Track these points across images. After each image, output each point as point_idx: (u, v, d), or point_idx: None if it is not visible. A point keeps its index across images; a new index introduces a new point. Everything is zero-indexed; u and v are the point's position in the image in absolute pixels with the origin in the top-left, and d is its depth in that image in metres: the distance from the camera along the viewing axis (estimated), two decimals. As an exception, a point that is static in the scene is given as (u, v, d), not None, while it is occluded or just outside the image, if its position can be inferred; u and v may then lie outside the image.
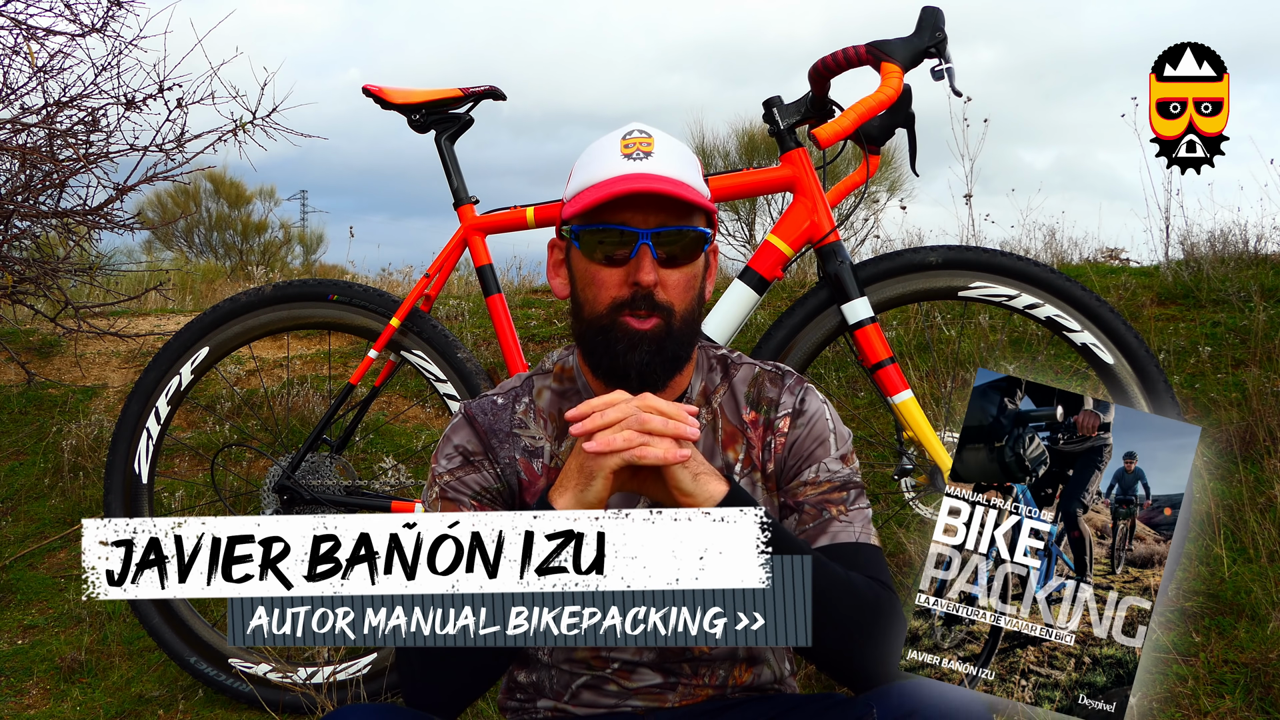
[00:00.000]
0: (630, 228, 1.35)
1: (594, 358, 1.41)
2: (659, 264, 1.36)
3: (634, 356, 1.36)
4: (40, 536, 3.37)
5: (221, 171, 13.07)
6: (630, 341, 1.36)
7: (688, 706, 1.45)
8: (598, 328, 1.38)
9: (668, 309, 1.37)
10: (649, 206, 1.36)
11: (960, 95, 2.24)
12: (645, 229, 1.35)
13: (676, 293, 1.38)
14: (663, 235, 1.36)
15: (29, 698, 2.60)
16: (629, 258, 1.36)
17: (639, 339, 1.36)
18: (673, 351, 1.38)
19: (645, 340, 1.36)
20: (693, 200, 1.35)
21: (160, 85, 3.68)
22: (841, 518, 1.42)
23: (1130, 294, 3.86)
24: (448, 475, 1.46)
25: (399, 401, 3.89)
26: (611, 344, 1.37)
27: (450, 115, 2.47)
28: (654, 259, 1.35)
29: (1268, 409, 3.07)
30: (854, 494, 1.45)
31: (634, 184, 1.34)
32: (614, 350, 1.37)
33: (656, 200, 1.35)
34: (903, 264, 2.28)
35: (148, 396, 2.57)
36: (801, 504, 1.43)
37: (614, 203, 1.35)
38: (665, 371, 1.39)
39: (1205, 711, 2.16)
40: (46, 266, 4.20)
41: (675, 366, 1.40)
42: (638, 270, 1.35)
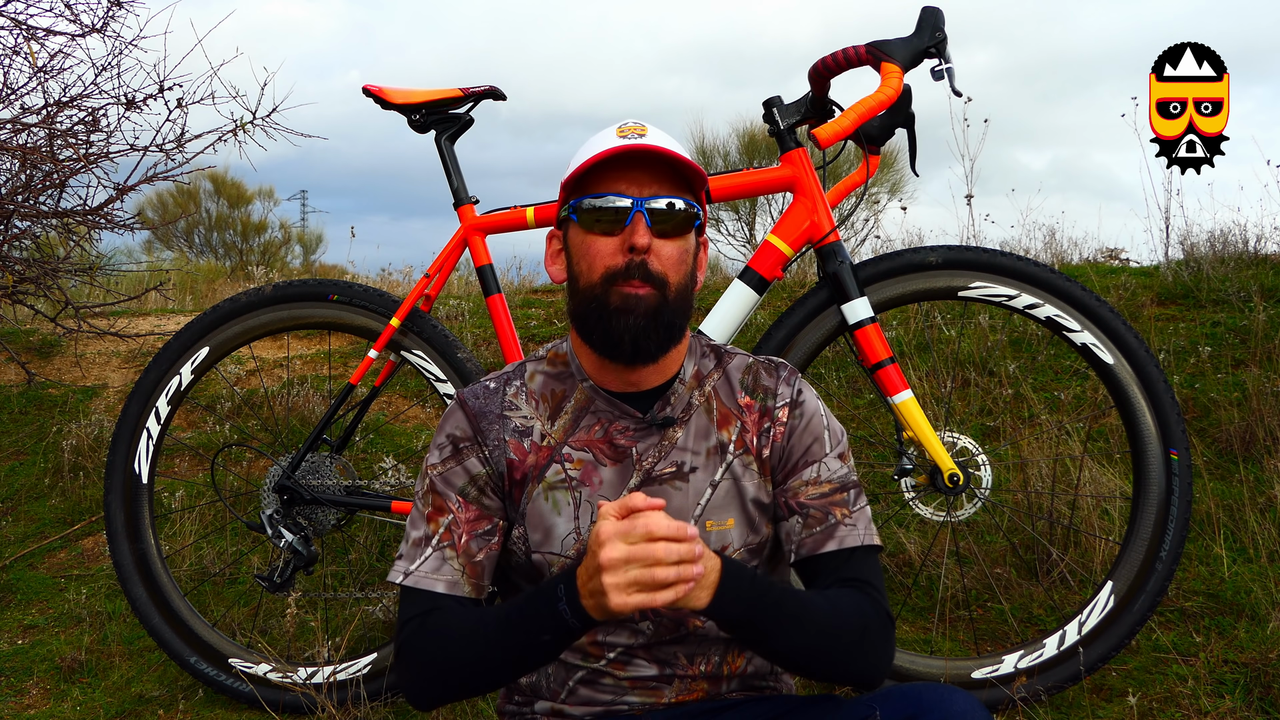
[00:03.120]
0: (625, 195, 1.38)
1: (587, 328, 1.43)
2: (653, 233, 1.38)
3: (627, 321, 1.38)
4: (40, 536, 3.37)
5: (222, 172, 13.09)
6: (624, 305, 1.38)
7: (684, 704, 1.45)
8: (591, 297, 1.40)
9: (661, 279, 1.39)
10: (644, 178, 1.39)
11: (960, 95, 2.24)
12: (640, 197, 1.38)
13: (670, 264, 1.40)
14: (656, 206, 1.38)
15: (29, 698, 2.60)
16: (623, 225, 1.38)
17: (632, 303, 1.37)
18: (667, 319, 1.40)
19: (639, 304, 1.37)
20: (685, 162, 1.39)
21: (160, 85, 3.69)
22: (846, 521, 1.44)
23: (1130, 294, 3.86)
24: (439, 467, 1.48)
25: (399, 401, 3.89)
26: (604, 311, 1.39)
27: (450, 115, 2.47)
28: (648, 226, 1.37)
29: (1268, 409, 3.07)
30: (854, 494, 1.47)
31: (628, 146, 1.37)
32: (606, 315, 1.39)
33: (651, 171, 1.39)
34: (903, 264, 2.28)
35: (148, 396, 2.57)
36: (805, 507, 1.45)
37: (610, 176, 1.38)
38: (659, 339, 1.40)
39: (1205, 711, 2.16)
40: (47, 266, 4.21)
41: (669, 336, 1.41)
42: (632, 235, 1.37)
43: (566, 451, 1.47)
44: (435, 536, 1.44)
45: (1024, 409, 3.36)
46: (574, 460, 1.46)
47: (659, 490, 1.44)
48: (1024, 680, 2.20)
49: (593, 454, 1.46)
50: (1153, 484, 2.20)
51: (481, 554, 1.44)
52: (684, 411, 1.48)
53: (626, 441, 1.46)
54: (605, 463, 1.46)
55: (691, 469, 1.46)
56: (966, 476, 2.19)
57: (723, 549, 1.45)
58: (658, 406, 1.47)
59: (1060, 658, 2.21)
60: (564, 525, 1.44)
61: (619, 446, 1.46)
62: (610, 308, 1.38)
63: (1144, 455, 2.21)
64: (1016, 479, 3.00)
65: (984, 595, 2.68)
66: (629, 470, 1.45)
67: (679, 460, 1.46)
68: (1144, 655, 2.40)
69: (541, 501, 1.45)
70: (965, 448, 2.26)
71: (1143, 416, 2.21)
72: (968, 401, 3.44)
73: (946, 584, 2.70)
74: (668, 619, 1.44)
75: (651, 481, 1.45)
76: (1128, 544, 2.22)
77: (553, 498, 1.45)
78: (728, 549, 1.45)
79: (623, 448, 1.46)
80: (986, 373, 3.55)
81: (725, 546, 1.45)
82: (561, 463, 1.46)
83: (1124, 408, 2.23)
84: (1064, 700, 2.26)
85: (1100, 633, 2.20)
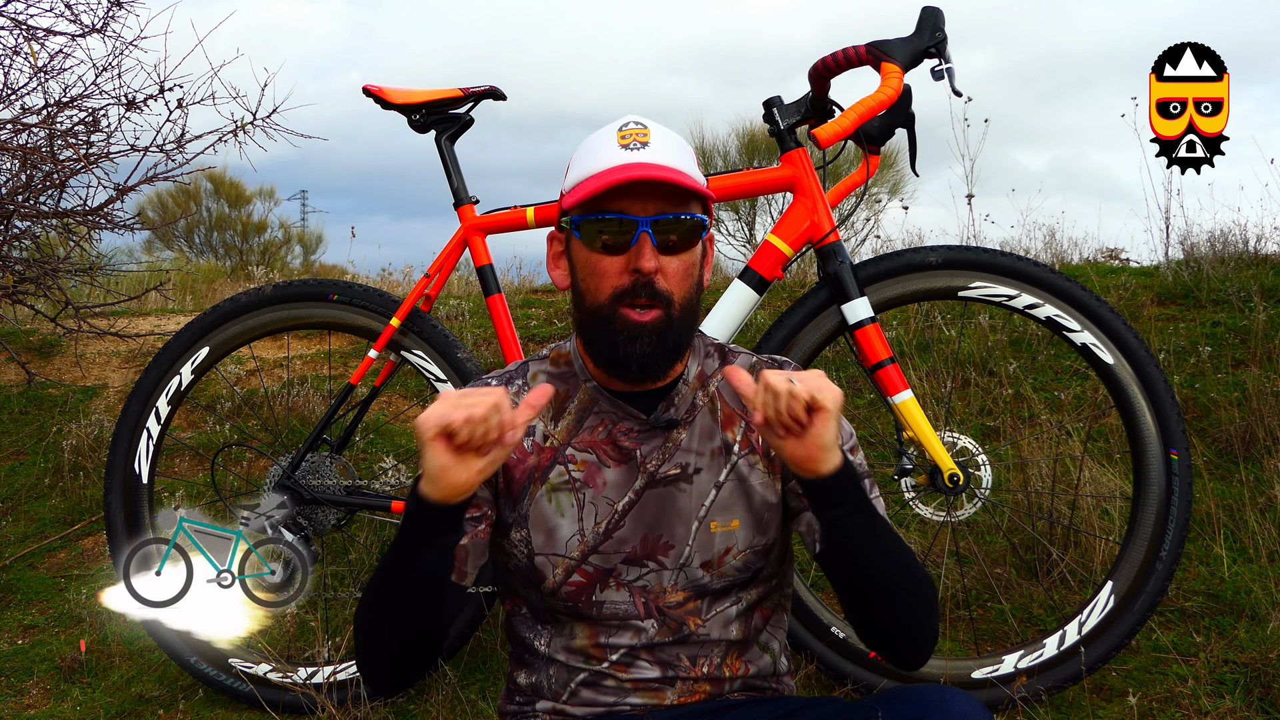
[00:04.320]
0: (630, 215, 1.36)
1: (595, 348, 1.42)
2: (658, 251, 1.37)
3: (635, 348, 1.38)
4: (40, 536, 3.37)
5: (222, 172, 13.09)
6: (630, 333, 1.37)
7: (687, 705, 1.45)
8: (599, 318, 1.40)
9: (667, 297, 1.38)
10: (648, 194, 1.37)
11: (960, 95, 2.24)
12: (644, 216, 1.36)
13: (676, 280, 1.39)
14: (661, 223, 1.37)
15: (29, 698, 2.60)
16: (629, 245, 1.37)
17: (639, 330, 1.37)
18: (673, 341, 1.40)
19: (645, 332, 1.37)
20: (690, 186, 1.37)
21: (161, 86, 3.69)
22: None
23: (1130, 294, 3.86)
24: None
25: (399, 401, 3.89)
26: (612, 335, 1.39)
27: (450, 115, 2.47)
28: (654, 246, 1.36)
29: (1268, 409, 3.07)
30: (869, 484, 1.47)
31: (632, 172, 1.35)
32: (614, 341, 1.39)
33: (655, 188, 1.37)
34: (903, 264, 2.28)
35: (148, 396, 2.57)
36: None
37: (613, 191, 1.36)
38: (666, 361, 1.41)
39: (1205, 711, 2.16)
40: (47, 266, 4.21)
41: (676, 355, 1.42)
42: (638, 258, 1.36)
43: (570, 453, 1.46)
44: None
45: (1024, 409, 3.36)
46: (577, 461, 1.45)
47: (663, 492, 1.44)
48: (1024, 680, 2.20)
49: (596, 455, 1.45)
50: (1153, 484, 2.20)
51: (467, 539, 1.43)
52: (688, 412, 1.48)
53: (630, 443, 1.45)
54: (609, 464, 1.45)
55: (696, 470, 1.45)
56: (966, 476, 2.19)
57: (727, 551, 1.44)
58: (662, 407, 1.46)
59: (1060, 658, 2.21)
60: (567, 527, 1.44)
61: (623, 448, 1.45)
62: (617, 335, 1.38)
63: (1144, 455, 2.21)
64: (1016, 479, 3.00)
65: (984, 595, 2.68)
66: (633, 472, 1.45)
67: (683, 462, 1.45)
68: (1144, 655, 2.40)
69: (545, 503, 1.45)
70: (965, 448, 2.25)
71: (1143, 416, 2.21)
72: (968, 401, 3.44)
73: (947, 584, 2.70)
74: (671, 618, 1.43)
75: (656, 483, 1.44)
76: (1128, 544, 2.22)
77: (556, 499, 1.45)
78: (732, 550, 1.44)
79: (627, 449, 1.45)
80: (986, 373, 3.55)
81: (730, 548, 1.44)
82: (565, 464, 1.46)
83: (1124, 408, 2.23)
84: (1064, 700, 2.26)
85: (1100, 633, 2.20)
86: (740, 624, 1.47)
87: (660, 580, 1.43)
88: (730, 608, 1.46)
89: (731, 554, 1.44)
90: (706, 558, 1.43)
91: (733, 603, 1.46)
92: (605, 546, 1.43)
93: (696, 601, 1.44)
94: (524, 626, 1.51)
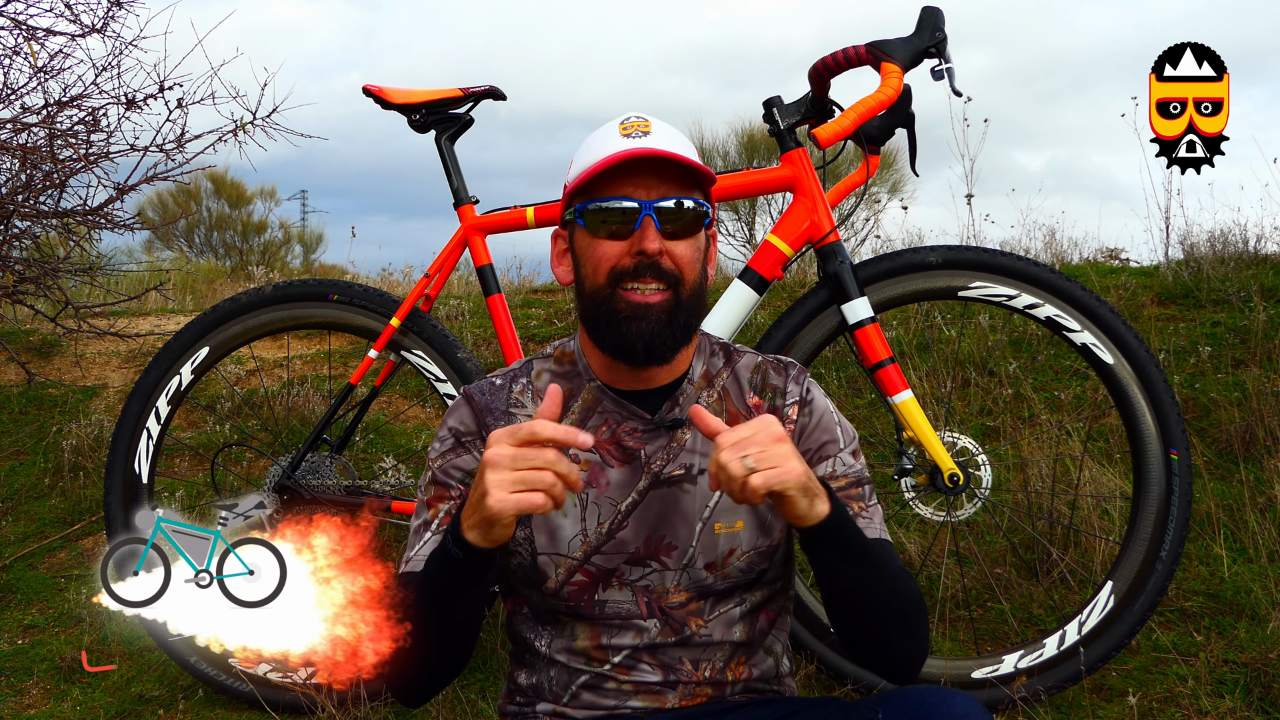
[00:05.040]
0: (633, 200, 1.36)
1: (597, 333, 1.42)
2: (662, 236, 1.37)
3: (640, 327, 1.37)
4: (40, 536, 3.37)
5: (222, 172, 13.08)
6: (634, 312, 1.37)
7: (687, 709, 1.44)
8: (599, 300, 1.39)
9: (675, 276, 1.38)
10: (650, 179, 1.37)
11: (960, 95, 2.24)
12: (648, 200, 1.36)
13: (685, 262, 1.39)
14: (665, 208, 1.37)
15: (29, 698, 2.60)
16: (633, 230, 1.37)
17: (644, 310, 1.37)
18: (684, 320, 1.39)
19: (651, 312, 1.37)
20: (692, 164, 1.37)
21: (160, 85, 3.69)
22: (863, 514, 1.44)
23: (1130, 294, 3.86)
24: (439, 460, 1.47)
25: (399, 401, 3.89)
26: (613, 316, 1.38)
27: (450, 115, 2.47)
28: (657, 229, 1.36)
29: (1268, 409, 3.07)
30: (868, 490, 1.47)
31: (636, 152, 1.36)
32: (616, 320, 1.38)
33: (658, 172, 1.37)
34: (903, 264, 2.28)
35: (148, 396, 2.57)
36: None
37: (616, 178, 1.37)
38: (674, 341, 1.39)
39: (1205, 711, 2.16)
40: (47, 266, 4.20)
41: (685, 337, 1.41)
42: (642, 239, 1.36)
43: (573, 452, 1.45)
44: (435, 521, 1.44)
45: (1024, 409, 3.36)
46: (581, 461, 1.45)
47: (667, 493, 1.44)
48: (1024, 680, 2.20)
49: (600, 455, 1.45)
50: (1153, 484, 2.20)
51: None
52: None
53: (635, 443, 1.45)
54: (613, 464, 1.45)
55: (700, 471, 1.44)
56: (966, 476, 2.19)
57: (731, 552, 1.43)
58: (666, 407, 1.46)
59: (1060, 658, 2.21)
60: (570, 527, 1.44)
61: (627, 448, 1.45)
62: (620, 315, 1.37)
63: (1144, 455, 2.21)
64: (1016, 479, 3.00)
65: (984, 595, 2.68)
66: (637, 472, 1.44)
67: (688, 462, 1.45)
68: (1144, 655, 2.40)
69: None
70: (965, 448, 2.26)
71: (1143, 416, 2.21)
72: (968, 401, 3.44)
73: (946, 584, 2.70)
74: (673, 618, 1.43)
75: (660, 483, 1.44)
76: (1128, 544, 2.22)
77: None
78: (736, 552, 1.44)
79: (631, 449, 1.45)
80: (986, 373, 3.55)
81: (734, 549, 1.44)
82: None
83: (1124, 408, 2.23)
84: (1064, 700, 2.26)
85: (1100, 633, 2.20)
86: (745, 626, 1.47)
87: (663, 580, 1.43)
88: (734, 609, 1.46)
89: (735, 555, 1.44)
90: (710, 559, 1.43)
91: (736, 604, 1.46)
92: (608, 547, 1.43)
93: (699, 602, 1.44)
94: (525, 626, 1.51)
